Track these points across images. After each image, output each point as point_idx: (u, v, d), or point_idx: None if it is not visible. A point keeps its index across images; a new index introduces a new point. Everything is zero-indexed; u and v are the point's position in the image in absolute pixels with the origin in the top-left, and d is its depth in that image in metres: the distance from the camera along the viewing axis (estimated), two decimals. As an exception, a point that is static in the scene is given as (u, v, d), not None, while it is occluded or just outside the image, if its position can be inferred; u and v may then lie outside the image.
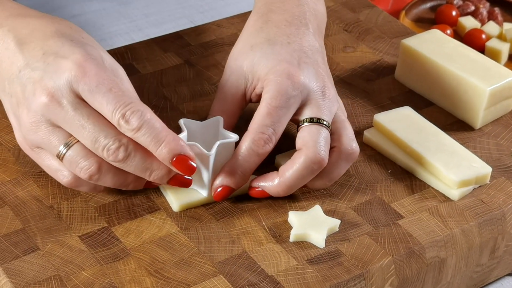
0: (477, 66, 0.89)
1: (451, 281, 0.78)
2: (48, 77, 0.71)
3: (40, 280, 0.70)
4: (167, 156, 0.70)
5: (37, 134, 0.72)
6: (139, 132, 0.70)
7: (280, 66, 0.78)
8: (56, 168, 0.74)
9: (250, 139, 0.76)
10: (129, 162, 0.71)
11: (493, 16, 1.24)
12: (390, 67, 0.97)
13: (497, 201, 0.80)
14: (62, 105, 0.70)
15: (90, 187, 0.75)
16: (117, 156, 0.70)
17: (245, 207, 0.78)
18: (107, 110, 0.70)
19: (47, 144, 0.72)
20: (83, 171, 0.71)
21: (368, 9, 1.07)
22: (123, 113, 0.69)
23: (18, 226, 0.75)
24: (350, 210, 0.78)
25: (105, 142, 0.70)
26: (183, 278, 0.71)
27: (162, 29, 1.17)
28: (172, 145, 0.70)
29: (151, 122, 0.70)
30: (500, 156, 0.85)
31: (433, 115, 0.90)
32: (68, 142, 0.71)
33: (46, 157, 0.74)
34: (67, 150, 0.71)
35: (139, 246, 0.74)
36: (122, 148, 0.70)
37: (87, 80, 0.70)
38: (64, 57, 0.71)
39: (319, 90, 0.78)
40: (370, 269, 0.73)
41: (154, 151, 0.70)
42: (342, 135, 0.78)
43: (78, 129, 0.70)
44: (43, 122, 0.71)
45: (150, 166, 0.72)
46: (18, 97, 0.72)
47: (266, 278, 0.71)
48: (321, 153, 0.75)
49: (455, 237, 0.77)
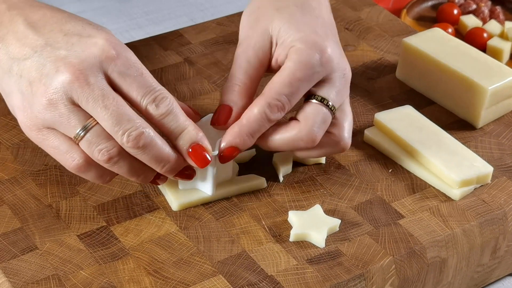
0: (479, 65, 0.89)
1: (452, 281, 0.78)
2: (75, 55, 0.69)
3: (38, 279, 0.70)
4: (187, 144, 0.71)
5: (54, 112, 0.69)
6: (166, 118, 0.70)
7: (310, 37, 0.75)
8: (66, 150, 0.70)
9: (266, 104, 0.73)
10: (147, 151, 0.69)
11: (495, 15, 1.24)
12: (391, 65, 0.97)
13: (498, 200, 0.79)
14: (89, 83, 0.68)
15: (96, 174, 0.72)
16: (138, 142, 0.69)
17: (244, 207, 0.77)
18: (137, 93, 0.69)
19: (65, 123, 0.69)
20: (103, 152, 0.69)
21: (369, 7, 1.07)
22: (154, 97, 0.69)
23: (17, 225, 0.75)
24: (350, 209, 0.78)
25: (128, 126, 0.68)
26: (182, 278, 0.70)
27: (162, 27, 1.17)
28: (193, 133, 0.71)
29: (177, 110, 0.71)
30: (502, 155, 0.85)
31: (434, 114, 0.90)
32: (87, 124, 0.69)
33: (56, 138, 0.71)
34: (86, 131, 0.69)
35: (138, 245, 0.73)
36: (144, 135, 0.69)
37: (119, 62, 0.69)
38: (91, 37, 0.70)
39: (341, 72, 0.76)
40: (371, 269, 0.72)
41: (175, 136, 0.71)
42: (340, 124, 0.77)
43: (102, 109, 0.68)
44: (63, 100, 0.68)
45: (167, 157, 0.71)
46: (32, 76, 0.69)
47: (265, 278, 0.71)
48: (316, 135, 0.75)
49: (456, 237, 0.76)
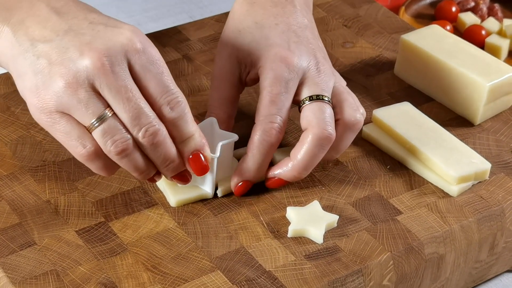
0: (477, 62, 0.89)
1: (450, 277, 0.78)
2: (101, 42, 0.68)
3: (36, 275, 0.70)
4: (190, 150, 0.71)
5: (73, 96, 0.67)
6: (177, 122, 0.70)
7: (271, 51, 0.78)
8: (78, 136, 0.69)
9: (261, 131, 0.76)
10: (159, 149, 0.70)
11: (493, 12, 1.24)
12: (389, 62, 0.97)
13: (496, 197, 0.80)
14: (114, 71, 0.67)
15: (102, 165, 0.71)
16: (154, 138, 0.69)
17: (243, 202, 0.78)
18: (154, 91, 0.69)
19: (82, 109, 0.68)
20: (117, 143, 0.69)
21: (367, 4, 1.07)
22: (169, 99, 0.69)
23: (15, 221, 0.75)
24: (348, 205, 0.78)
25: (146, 121, 0.68)
26: (180, 273, 0.71)
27: (161, 24, 1.17)
28: (198, 140, 0.72)
29: (188, 115, 0.71)
30: (500, 152, 0.85)
31: (432, 111, 0.90)
32: (104, 114, 0.68)
33: (68, 124, 0.69)
34: (102, 121, 0.68)
35: (136, 241, 0.73)
36: (160, 132, 0.69)
37: (143, 55, 0.69)
38: (116, 27, 0.69)
39: (314, 67, 0.78)
40: (369, 265, 0.72)
41: (181, 140, 0.71)
42: (344, 107, 0.78)
43: (123, 100, 0.68)
44: (84, 84, 0.67)
45: (173, 157, 0.71)
46: (52, 58, 0.68)
47: (263, 274, 0.71)
48: (328, 129, 0.75)
49: (454, 233, 0.76)
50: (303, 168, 0.76)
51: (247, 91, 0.91)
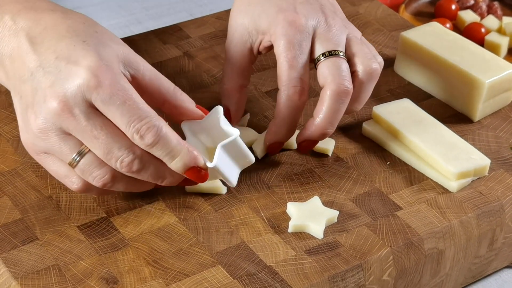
0: (476, 59, 0.89)
1: (449, 272, 0.78)
2: (60, 84, 0.68)
3: (38, 269, 0.70)
4: (181, 169, 0.71)
5: (47, 141, 0.70)
6: (154, 148, 0.69)
7: (279, 17, 0.79)
8: (65, 175, 0.72)
9: (285, 96, 0.78)
10: (143, 173, 0.70)
11: (493, 10, 1.24)
12: (389, 59, 0.97)
13: (495, 193, 0.80)
14: (74, 114, 0.68)
15: (100, 192, 0.74)
16: (131, 168, 0.69)
17: (243, 198, 0.78)
18: (121, 122, 0.68)
19: (58, 151, 0.70)
20: (97, 179, 0.70)
21: (367, 2, 1.07)
22: (137, 128, 0.68)
23: (17, 216, 0.75)
24: (348, 201, 0.78)
25: (119, 154, 0.69)
26: (182, 268, 0.71)
27: (161, 22, 1.17)
28: (186, 159, 0.70)
29: (166, 137, 0.69)
30: (499, 148, 0.85)
31: (432, 108, 0.90)
32: (81, 151, 0.69)
33: (54, 163, 0.72)
34: (80, 158, 0.70)
35: (138, 236, 0.74)
36: (136, 160, 0.69)
37: (101, 91, 0.67)
38: (76, 63, 0.68)
39: (323, 23, 0.80)
40: (368, 260, 0.73)
41: (169, 163, 0.71)
42: (359, 58, 0.80)
43: (91, 139, 0.68)
44: (53, 130, 0.69)
45: (163, 174, 0.72)
46: (28, 100, 0.70)
47: (264, 268, 0.71)
48: (344, 83, 0.77)
49: (453, 228, 0.77)
50: (329, 124, 0.78)
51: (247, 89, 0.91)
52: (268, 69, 0.94)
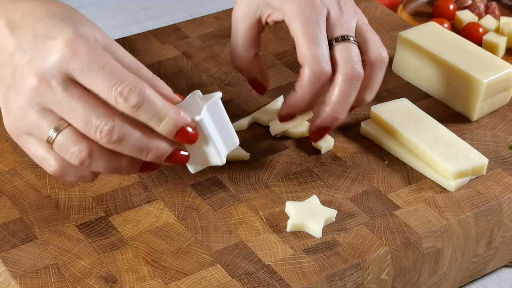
0: (474, 58, 0.89)
1: (448, 271, 0.78)
2: (37, 59, 0.67)
3: (37, 269, 0.70)
4: (171, 130, 0.68)
5: (26, 119, 0.68)
6: (139, 110, 0.67)
7: None
8: (42, 157, 0.70)
9: (311, 71, 0.78)
10: (124, 144, 0.67)
11: (490, 10, 1.24)
12: (387, 59, 0.97)
13: (493, 192, 0.80)
14: (51, 86, 0.66)
15: (77, 176, 0.71)
16: (111, 137, 0.66)
17: (242, 197, 0.78)
18: (102, 88, 0.66)
19: (36, 129, 0.68)
20: (74, 156, 0.68)
21: (366, 2, 1.07)
22: (120, 90, 0.66)
23: (16, 216, 0.75)
24: (347, 200, 0.78)
25: (97, 123, 0.66)
26: (180, 267, 0.71)
27: (160, 22, 1.18)
28: (175, 118, 0.68)
29: (151, 98, 0.67)
30: (497, 147, 0.86)
31: (430, 107, 0.90)
32: (58, 127, 0.68)
33: (33, 145, 0.70)
34: (57, 134, 0.67)
35: (137, 235, 0.74)
36: (116, 128, 0.66)
37: (78, 60, 0.66)
38: (53, 38, 0.67)
39: (336, 7, 0.80)
40: (367, 259, 0.73)
41: (157, 127, 0.68)
42: (369, 46, 0.81)
43: (69, 110, 0.67)
44: (32, 106, 0.67)
45: (147, 145, 0.68)
46: (8, 82, 0.69)
47: (263, 268, 0.71)
48: (356, 67, 0.78)
49: (451, 227, 0.77)
50: (342, 109, 0.79)
51: (246, 88, 0.91)
52: (267, 68, 0.94)
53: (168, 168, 0.81)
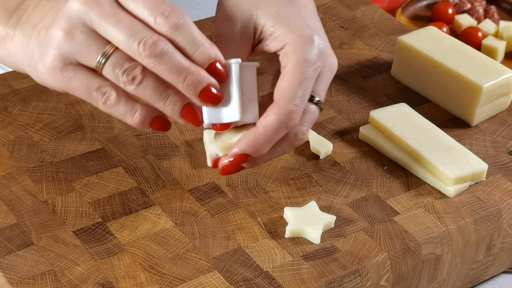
0: (474, 63, 0.89)
1: (447, 277, 0.78)
2: None
3: (34, 275, 0.70)
4: (205, 60, 0.68)
5: (73, 41, 0.68)
6: (177, 31, 0.67)
7: (304, 31, 0.73)
8: (98, 85, 0.69)
9: (285, 112, 0.71)
10: (165, 60, 0.67)
11: (489, 14, 1.24)
12: (386, 64, 0.97)
13: (493, 198, 0.80)
14: (99, 2, 0.67)
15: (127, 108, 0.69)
16: (155, 49, 0.66)
17: (240, 203, 0.78)
18: (144, 8, 0.67)
19: (85, 51, 0.68)
20: (128, 70, 0.67)
21: (364, 6, 1.07)
22: (162, 10, 0.67)
23: (12, 221, 0.75)
24: (345, 206, 0.78)
25: (142, 35, 0.66)
26: (178, 274, 0.71)
27: (158, 26, 1.17)
28: (209, 50, 0.68)
29: (189, 23, 0.68)
30: (496, 153, 0.85)
31: (429, 112, 0.90)
32: (107, 50, 0.68)
33: (84, 74, 0.69)
34: (108, 57, 0.68)
35: (134, 241, 0.73)
36: (160, 42, 0.66)
37: None
38: None
39: (330, 66, 0.75)
40: (366, 265, 0.72)
41: (192, 52, 0.68)
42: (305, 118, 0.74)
43: (115, 25, 0.67)
44: (78, 26, 0.68)
45: (188, 67, 0.67)
46: (48, 24, 0.69)
47: (261, 274, 0.71)
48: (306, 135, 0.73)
49: (451, 233, 0.76)
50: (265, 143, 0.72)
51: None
52: (266, 73, 0.94)
53: (165, 173, 0.80)
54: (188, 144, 0.84)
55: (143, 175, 0.80)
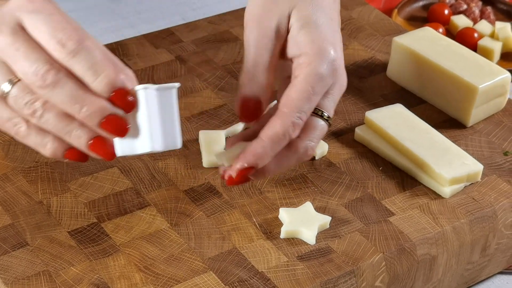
0: (469, 64, 0.89)
1: (442, 278, 0.78)
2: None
3: (29, 275, 0.70)
4: (106, 88, 0.64)
5: None
6: (74, 59, 0.63)
7: (323, 44, 0.72)
8: (8, 116, 0.66)
9: (290, 123, 0.70)
10: (59, 90, 0.63)
11: (485, 15, 1.24)
12: (382, 64, 0.97)
13: (488, 198, 0.80)
14: (1, 31, 0.64)
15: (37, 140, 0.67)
16: (46, 80, 0.63)
17: (235, 204, 0.78)
18: (44, 34, 0.64)
19: None
20: (28, 105, 0.65)
21: (360, 7, 1.07)
22: (59, 37, 0.63)
23: (7, 222, 0.75)
24: (341, 207, 0.78)
25: (36, 64, 0.63)
26: (173, 274, 0.71)
27: (154, 26, 1.17)
28: (112, 77, 0.64)
29: (90, 49, 0.63)
30: (492, 154, 0.85)
31: (425, 113, 0.90)
32: (12, 79, 0.65)
33: None
34: (12, 86, 0.65)
35: (129, 242, 0.73)
36: (52, 72, 0.63)
37: (30, 6, 0.64)
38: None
39: (341, 83, 0.74)
40: (361, 266, 0.72)
41: (91, 82, 0.64)
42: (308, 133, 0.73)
43: (13, 52, 0.64)
44: None
45: (82, 97, 0.64)
46: None
47: (256, 275, 0.71)
48: (313, 150, 0.72)
49: (446, 234, 0.76)
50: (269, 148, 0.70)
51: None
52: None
53: (160, 174, 0.80)
54: (184, 144, 0.84)
55: (138, 175, 0.80)
